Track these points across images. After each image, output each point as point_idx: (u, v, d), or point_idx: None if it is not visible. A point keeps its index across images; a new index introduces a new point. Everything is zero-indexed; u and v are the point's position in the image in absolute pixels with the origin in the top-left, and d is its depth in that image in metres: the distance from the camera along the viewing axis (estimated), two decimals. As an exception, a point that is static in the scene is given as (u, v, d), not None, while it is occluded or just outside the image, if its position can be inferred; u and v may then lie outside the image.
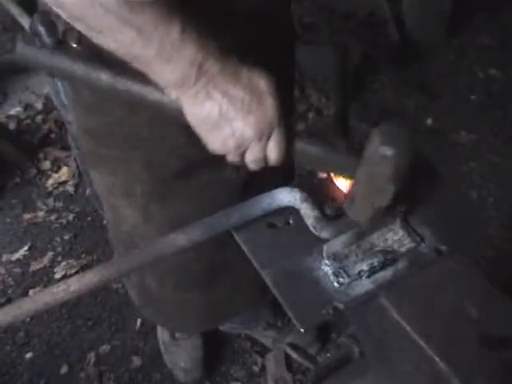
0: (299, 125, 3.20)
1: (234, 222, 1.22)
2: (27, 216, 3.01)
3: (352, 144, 1.31)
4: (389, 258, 1.21)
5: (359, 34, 3.27)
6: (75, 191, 3.09)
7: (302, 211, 1.22)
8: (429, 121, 3.35)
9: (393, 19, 3.61)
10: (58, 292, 1.18)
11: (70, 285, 1.18)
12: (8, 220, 3.01)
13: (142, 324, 2.58)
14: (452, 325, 1.16)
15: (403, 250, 1.24)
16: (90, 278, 1.18)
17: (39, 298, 1.19)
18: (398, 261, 1.22)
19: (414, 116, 3.33)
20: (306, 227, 1.23)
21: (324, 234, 1.20)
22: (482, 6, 3.91)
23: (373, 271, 1.20)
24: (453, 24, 3.77)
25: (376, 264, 1.20)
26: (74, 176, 3.13)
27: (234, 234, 1.25)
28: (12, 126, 3.39)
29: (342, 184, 1.27)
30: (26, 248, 2.88)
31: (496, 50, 3.78)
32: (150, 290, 2.00)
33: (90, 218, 2.96)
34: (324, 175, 1.30)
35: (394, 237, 1.25)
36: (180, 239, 1.19)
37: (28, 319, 2.57)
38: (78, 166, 3.16)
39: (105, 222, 2.92)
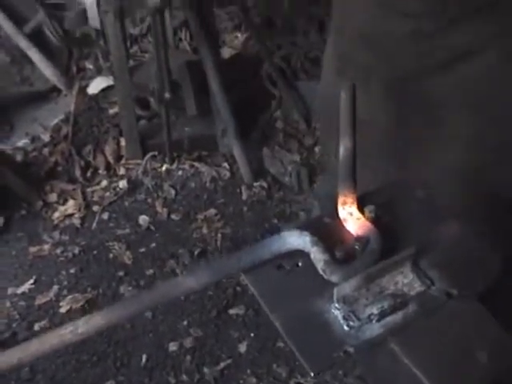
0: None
1: (243, 265, 1.21)
2: (33, 249, 3.00)
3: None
4: (399, 301, 1.20)
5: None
6: (81, 224, 3.09)
7: (312, 255, 1.22)
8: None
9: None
10: (66, 334, 1.17)
11: (77, 327, 1.17)
12: (14, 253, 3.01)
13: (147, 360, 2.56)
14: (462, 369, 1.15)
15: (413, 293, 1.23)
16: (97, 320, 1.18)
17: (46, 340, 1.19)
18: (408, 304, 1.21)
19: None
20: (316, 270, 1.22)
21: (334, 278, 1.19)
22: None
23: (383, 315, 1.19)
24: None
25: (386, 307, 1.19)
26: (80, 209, 3.13)
27: (244, 276, 1.24)
28: (19, 157, 3.39)
29: (352, 227, 1.26)
30: (31, 281, 2.87)
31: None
32: None
33: (95, 252, 2.95)
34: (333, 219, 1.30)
35: (404, 280, 1.24)
36: (189, 281, 1.18)
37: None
38: (84, 199, 3.16)
39: (111, 255, 2.91)
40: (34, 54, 3.69)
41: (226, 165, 3.28)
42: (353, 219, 1.28)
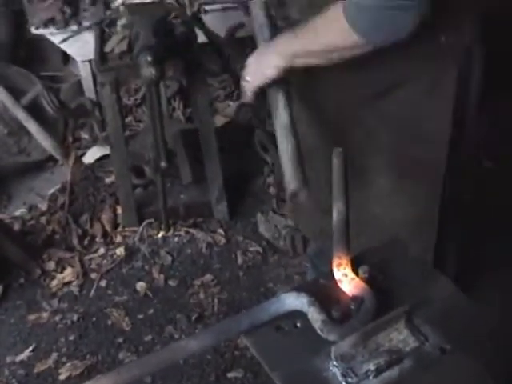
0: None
1: (243, 328, 1.26)
2: (31, 317, 3.01)
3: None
4: (394, 357, 1.25)
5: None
6: (79, 292, 3.11)
7: (310, 315, 1.27)
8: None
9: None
10: (74, 397, 1.21)
11: (84, 390, 1.21)
12: (12, 321, 3.02)
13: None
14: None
15: (408, 349, 1.28)
16: None
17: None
18: (403, 360, 1.25)
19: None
20: (314, 330, 1.27)
21: (331, 337, 1.24)
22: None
23: (379, 370, 1.23)
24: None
25: (382, 363, 1.24)
26: (78, 277, 3.15)
27: (244, 338, 1.29)
28: (17, 226, 3.43)
29: (347, 288, 1.32)
30: (30, 349, 2.87)
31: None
32: None
33: (94, 319, 2.97)
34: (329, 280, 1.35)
35: (399, 336, 1.29)
36: (191, 345, 1.23)
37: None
38: (82, 267, 3.20)
39: (109, 322, 2.93)
40: (32, 126, 3.75)
41: (221, 231, 3.32)
42: (347, 280, 1.34)
